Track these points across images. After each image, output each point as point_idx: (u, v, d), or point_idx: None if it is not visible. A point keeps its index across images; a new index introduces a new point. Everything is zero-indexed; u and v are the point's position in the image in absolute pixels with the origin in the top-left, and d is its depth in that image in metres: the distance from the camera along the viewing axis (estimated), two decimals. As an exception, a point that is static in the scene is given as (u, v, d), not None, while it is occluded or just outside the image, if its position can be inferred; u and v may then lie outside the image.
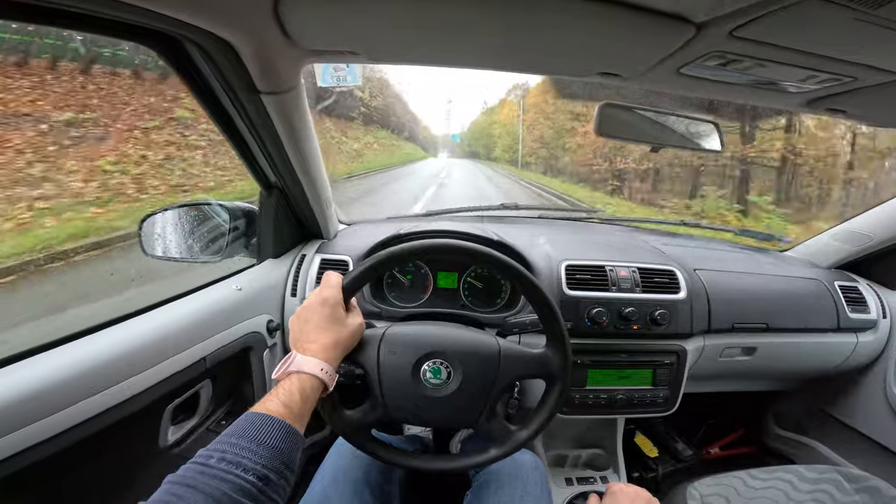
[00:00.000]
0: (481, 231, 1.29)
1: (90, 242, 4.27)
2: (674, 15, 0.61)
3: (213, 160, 7.61)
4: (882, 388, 1.49)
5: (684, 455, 1.81)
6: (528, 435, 0.82)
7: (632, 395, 1.25)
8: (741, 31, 0.61)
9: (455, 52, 0.83)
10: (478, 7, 0.62)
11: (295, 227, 1.33)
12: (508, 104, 41.06)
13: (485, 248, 0.79)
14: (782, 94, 0.87)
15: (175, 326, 0.92)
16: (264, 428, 0.56)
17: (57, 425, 0.68)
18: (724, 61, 0.72)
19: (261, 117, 0.90)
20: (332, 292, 0.75)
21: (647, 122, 1.13)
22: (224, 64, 0.75)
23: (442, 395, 0.79)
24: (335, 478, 0.90)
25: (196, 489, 0.47)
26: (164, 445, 0.95)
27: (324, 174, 1.20)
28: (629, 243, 1.50)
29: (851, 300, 1.44)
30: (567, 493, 1.40)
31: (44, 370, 0.69)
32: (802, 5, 0.52)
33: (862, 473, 1.14)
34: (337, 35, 0.74)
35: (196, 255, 1.17)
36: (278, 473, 0.53)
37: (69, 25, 0.61)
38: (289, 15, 0.64)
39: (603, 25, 0.66)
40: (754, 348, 1.37)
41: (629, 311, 1.19)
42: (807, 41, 0.64)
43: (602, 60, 0.81)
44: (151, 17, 0.59)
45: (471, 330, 0.87)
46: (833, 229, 1.58)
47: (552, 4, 0.60)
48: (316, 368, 0.66)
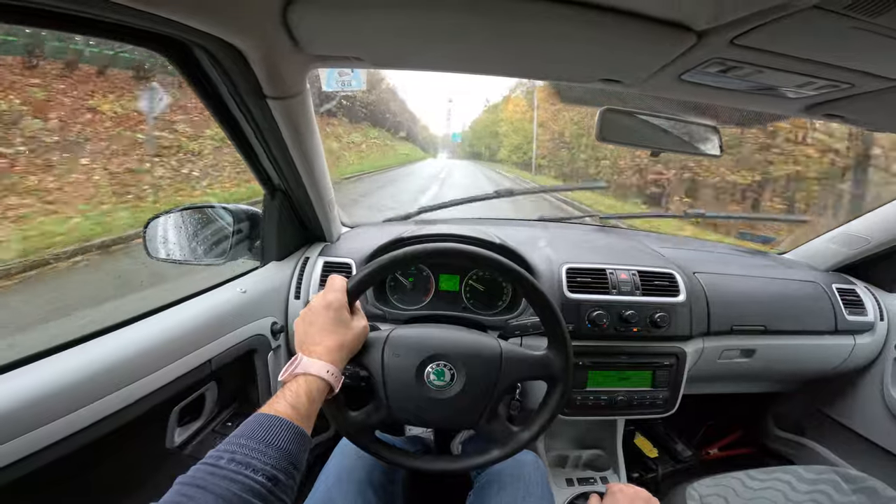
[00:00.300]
0: (483, 234, 1.30)
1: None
2: (675, 23, 0.62)
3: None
4: (879, 389, 1.50)
5: (684, 456, 1.83)
6: (529, 436, 0.83)
7: (632, 397, 1.26)
8: (742, 40, 0.62)
9: (458, 58, 0.84)
10: (481, 14, 0.63)
11: (298, 230, 1.34)
12: (514, 101, 36.51)
13: (487, 251, 0.80)
14: (781, 99, 0.89)
15: (181, 329, 0.93)
16: (273, 429, 0.56)
17: (66, 428, 0.68)
18: (724, 68, 0.73)
19: (267, 121, 0.91)
20: (336, 296, 0.75)
21: (648, 127, 1.15)
22: (232, 69, 0.76)
23: (445, 396, 0.80)
24: (339, 478, 0.91)
25: (206, 490, 0.47)
26: (170, 446, 0.96)
27: (327, 177, 1.21)
28: (629, 247, 1.51)
29: (849, 303, 1.45)
30: (568, 493, 1.41)
31: (52, 374, 0.69)
32: (803, 14, 0.53)
33: (859, 474, 1.15)
34: (343, 41, 0.75)
35: (200, 257, 1.18)
36: (287, 474, 0.54)
37: (79, 30, 0.62)
38: (297, 22, 0.65)
39: (606, 33, 0.67)
40: (753, 350, 1.39)
41: (629, 313, 1.20)
42: (806, 49, 0.65)
43: (604, 67, 0.82)
44: (161, 22, 0.60)
45: (473, 332, 0.88)
46: (831, 232, 1.59)
47: (555, 13, 0.61)
48: (322, 370, 0.67)
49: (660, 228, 2.92)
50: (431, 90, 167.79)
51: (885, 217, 1.44)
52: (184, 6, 0.58)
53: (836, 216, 6.52)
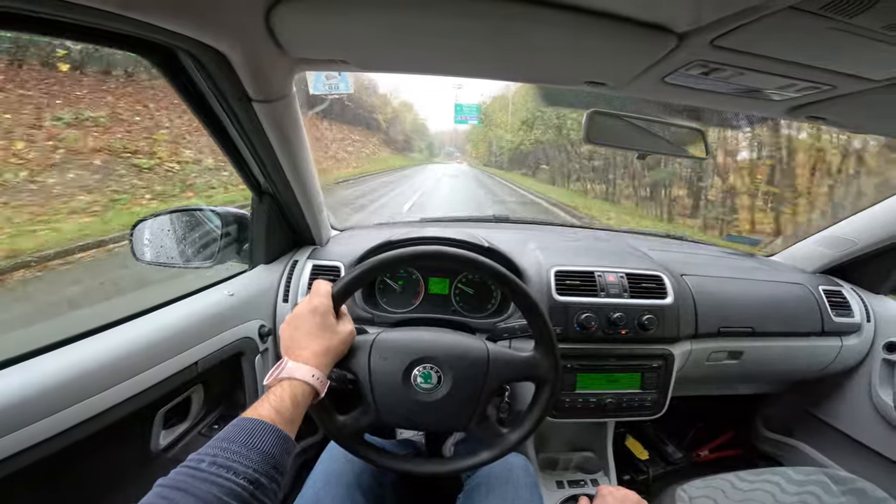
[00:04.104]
0: (472, 237, 1.31)
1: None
2: (656, 25, 0.62)
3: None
4: (867, 390, 1.51)
5: (674, 457, 1.83)
6: (518, 437, 0.83)
7: (621, 399, 1.26)
8: (722, 41, 0.63)
9: (443, 61, 0.84)
10: (465, 17, 0.64)
11: (287, 233, 1.33)
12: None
13: (474, 254, 0.81)
14: (765, 102, 0.90)
15: (167, 331, 0.92)
16: (256, 433, 0.56)
17: (47, 430, 0.68)
18: (706, 70, 0.74)
19: (253, 125, 0.91)
20: (321, 300, 0.75)
21: (635, 130, 1.15)
22: (216, 73, 0.76)
23: (432, 399, 0.80)
24: (327, 481, 0.90)
25: (187, 493, 0.47)
26: (155, 449, 0.95)
27: (316, 180, 1.21)
28: (617, 249, 1.52)
29: (835, 304, 1.46)
30: (558, 496, 1.41)
31: (35, 375, 0.69)
32: (779, 16, 0.54)
33: (848, 475, 1.16)
34: (328, 45, 0.75)
35: (188, 260, 1.17)
36: (269, 478, 0.54)
37: (64, 35, 0.62)
38: (280, 25, 0.65)
39: (589, 36, 0.67)
40: (741, 352, 1.39)
41: (617, 316, 1.20)
42: (786, 50, 0.66)
43: (588, 69, 0.83)
44: (144, 27, 0.60)
45: (460, 334, 0.88)
46: (818, 234, 1.60)
47: (538, 15, 0.62)
48: (307, 375, 0.67)
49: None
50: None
51: (872, 219, 1.45)
52: (164, 10, 0.58)
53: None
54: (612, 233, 1.90)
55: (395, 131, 43.23)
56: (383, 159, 32.70)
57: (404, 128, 48.34)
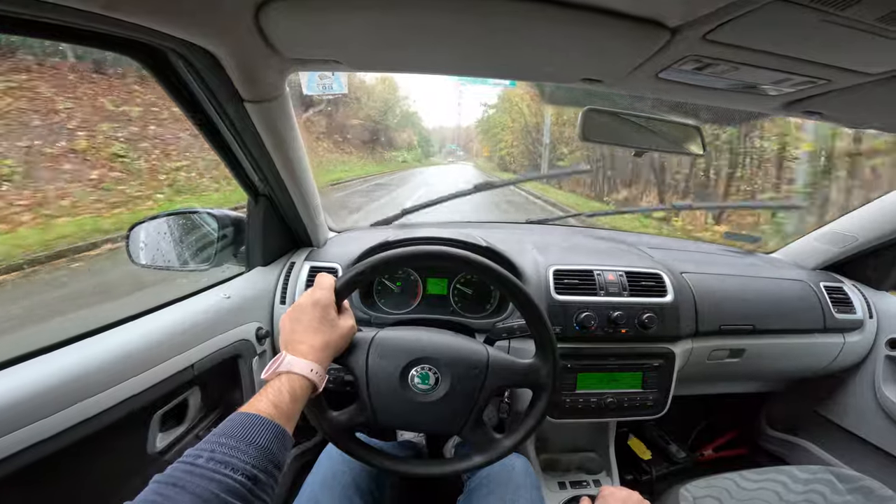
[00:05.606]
0: (470, 238, 1.30)
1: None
2: (649, 20, 0.62)
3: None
4: (871, 387, 1.50)
5: (678, 457, 1.82)
6: (512, 443, 0.82)
7: (622, 399, 1.25)
8: (714, 35, 0.63)
9: (437, 59, 0.84)
10: (458, 14, 0.63)
11: (284, 235, 1.33)
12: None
13: (473, 254, 0.80)
14: (760, 97, 0.89)
15: (163, 334, 0.92)
16: (253, 428, 0.55)
17: (42, 432, 0.67)
18: (700, 65, 0.73)
19: (246, 126, 0.91)
20: (324, 294, 0.75)
21: (632, 127, 1.15)
22: (207, 74, 0.76)
23: (429, 400, 0.79)
24: (325, 483, 0.90)
25: (184, 489, 0.46)
26: (151, 452, 0.95)
27: (312, 182, 1.20)
28: (616, 247, 1.51)
29: (837, 301, 1.45)
30: (560, 496, 1.40)
31: (31, 377, 0.69)
32: (769, 8, 0.53)
33: (854, 474, 1.15)
34: (319, 44, 0.75)
35: (185, 263, 1.17)
36: (267, 473, 0.53)
37: (54, 37, 0.62)
38: (269, 24, 0.65)
39: (581, 31, 0.67)
40: (742, 350, 1.38)
41: (617, 314, 1.20)
42: (778, 44, 0.65)
43: (583, 66, 0.82)
44: (134, 29, 0.59)
45: (460, 336, 0.87)
46: (818, 231, 1.59)
47: (531, 11, 0.61)
48: (306, 369, 0.66)
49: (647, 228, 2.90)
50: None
51: (872, 215, 1.44)
52: (149, 10, 0.58)
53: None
54: (610, 230, 1.89)
55: (359, 119, 28.81)
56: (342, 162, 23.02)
57: (384, 119, 33.85)
